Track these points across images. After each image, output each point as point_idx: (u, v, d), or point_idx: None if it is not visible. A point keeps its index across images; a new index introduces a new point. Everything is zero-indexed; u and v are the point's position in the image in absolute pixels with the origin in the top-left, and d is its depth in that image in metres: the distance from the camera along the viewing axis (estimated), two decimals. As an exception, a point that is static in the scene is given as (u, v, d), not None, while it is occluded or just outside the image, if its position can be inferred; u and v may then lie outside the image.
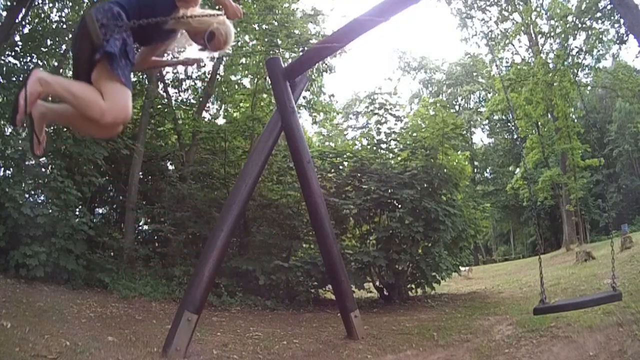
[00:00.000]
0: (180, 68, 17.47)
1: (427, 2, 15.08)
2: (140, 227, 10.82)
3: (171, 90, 12.96)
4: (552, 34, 17.99)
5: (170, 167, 12.13)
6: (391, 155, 9.95)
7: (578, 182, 21.45)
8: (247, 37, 12.83)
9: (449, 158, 9.14)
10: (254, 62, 11.44)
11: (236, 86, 12.71)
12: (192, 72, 13.11)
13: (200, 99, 12.72)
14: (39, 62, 9.30)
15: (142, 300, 6.62)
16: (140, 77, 12.77)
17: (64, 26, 11.03)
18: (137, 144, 9.36)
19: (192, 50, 2.23)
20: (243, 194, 4.60)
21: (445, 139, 8.68)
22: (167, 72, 12.86)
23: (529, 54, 20.53)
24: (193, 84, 13.39)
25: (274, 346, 4.63)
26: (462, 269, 12.89)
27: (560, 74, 17.39)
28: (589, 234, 28.45)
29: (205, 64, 12.83)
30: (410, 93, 42.24)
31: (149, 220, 10.60)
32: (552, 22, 17.63)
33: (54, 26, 10.95)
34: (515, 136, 34.49)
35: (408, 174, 8.46)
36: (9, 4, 9.14)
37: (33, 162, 6.99)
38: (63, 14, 11.72)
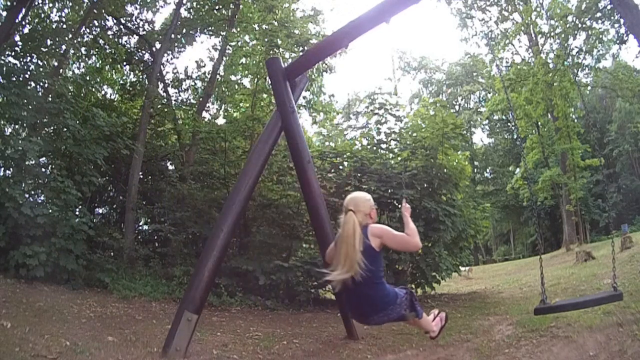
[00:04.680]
0: (181, 68, 17.48)
1: (427, 2, 15.03)
2: (140, 227, 10.82)
3: (171, 90, 12.98)
4: (552, 34, 17.97)
5: (170, 167, 12.13)
6: (391, 155, 9.94)
7: (578, 182, 21.45)
8: (247, 37, 12.84)
9: (449, 158, 9.14)
10: (254, 62, 11.44)
11: (236, 86, 12.71)
12: (192, 72, 13.15)
13: (200, 99, 12.72)
14: (39, 62, 9.30)
15: (142, 300, 6.62)
16: (140, 77, 12.79)
17: (64, 26, 11.04)
18: (137, 144, 9.36)
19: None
20: (243, 194, 4.59)
21: (445, 139, 8.69)
22: (167, 72, 12.89)
23: (529, 54, 20.52)
24: (193, 84, 13.41)
25: (274, 346, 4.63)
26: (462, 269, 12.90)
27: (560, 74, 17.39)
28: (589, 234, 28.42)
29: (205, 64, 12.89)
30: (410, 93, 42.28)
31: (149, 220, 10.60)
32: (552, 22, 17.61)
33: (54, 26, 10.96)
34: (515, 136, 34.51)
35: (408, 174, 8.46)
36: (9, 4, 9.15)
37: (33, 162, 6.99)
38: (63, 14, 11.74)
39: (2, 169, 6.92)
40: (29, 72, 7.80)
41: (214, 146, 10.86)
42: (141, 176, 10.42)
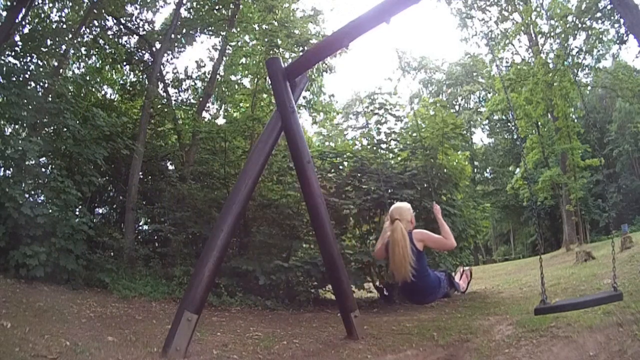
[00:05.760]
0: (181, 68, 17.47)
1: (427, 2, 15.01)
2: (140, 227, 10.82)
3: (171, 90, 12.98)
4: (552, 34, 17.94)
5: (170, 167, 12.13)
6: (391, 155, 9.94)
7: (578, 182, 21.41)
8: (247, 37, 12.84)
9: (449, 158, 9.14)
10: (254, 62, 11.45)
11: (236, 86, 12.72)
12: (192, 72, 13.16)
13: (200, 99, 12.72)
14: (39, 62, 9.30)
15: (142, 300, 6.62)
16: (140, 77, 12.79)
17: (64, 26, 11.04)
18: (137, 144, 9.36)
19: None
20: (243, 194, 4.59)
21: (445, 139, 8.69)
22: (167, 72, 12.89)
23: (529, 54, 20.49)
24: (193, 84, 13.41)
25: (274, 346, 4.63)
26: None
27: (560, 74, 17.36)
28: (589, 234, 28.40)
29: (205, 64, 12.89)
30: (411, 93, 42.23)
31: (149, 220, 10.60)
32: (552, 22, 17.57)
33: (54, 26, 10.96)
34: (515, 136, 34.46)
35: (408, 174, 8.46)
36: (9, 4, 9.15)
37: (33, 162, 6.99)
38: (63, 14, 11.74)
39: (2, 169, 6.93)
40: (29, 72, 7.79)
41: (214, 146, 10.86)
42: (141, 176, 10.41)
